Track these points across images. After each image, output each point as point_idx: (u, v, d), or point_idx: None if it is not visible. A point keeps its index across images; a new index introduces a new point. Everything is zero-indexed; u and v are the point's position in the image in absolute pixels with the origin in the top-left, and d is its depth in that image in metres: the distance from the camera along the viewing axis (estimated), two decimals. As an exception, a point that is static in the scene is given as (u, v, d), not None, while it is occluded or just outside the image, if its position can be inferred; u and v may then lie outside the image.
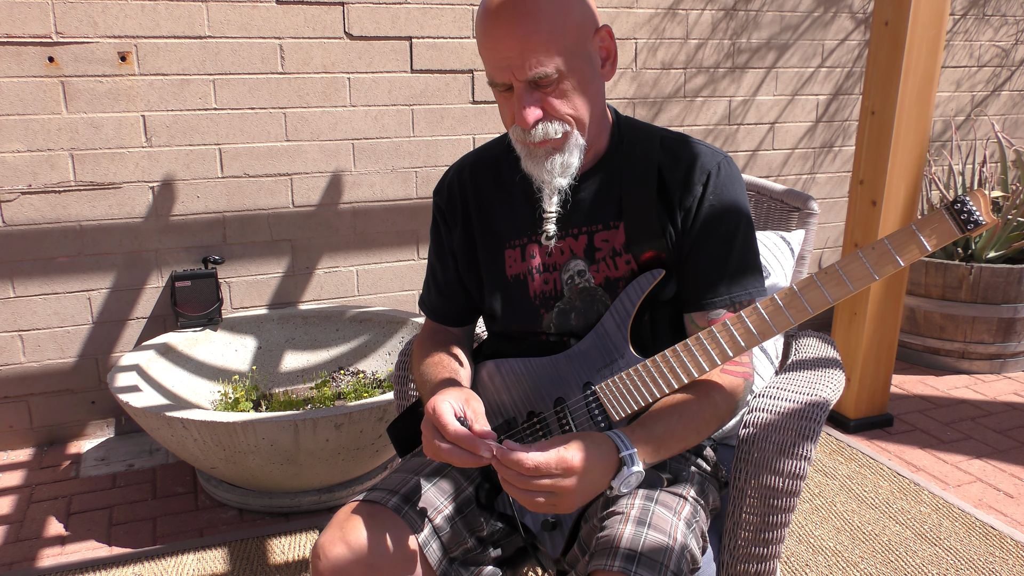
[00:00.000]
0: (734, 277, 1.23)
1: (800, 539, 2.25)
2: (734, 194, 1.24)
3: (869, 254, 1.03)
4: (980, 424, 2.94)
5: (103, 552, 2.23)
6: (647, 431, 1.13)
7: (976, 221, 0.98)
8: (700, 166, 1.23)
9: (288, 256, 3.00)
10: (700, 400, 1.18)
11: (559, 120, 1.15)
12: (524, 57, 1.10)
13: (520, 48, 1.10)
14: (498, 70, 1.13)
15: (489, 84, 1.18)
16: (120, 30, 2.64)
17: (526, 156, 1.21)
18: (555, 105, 1.14)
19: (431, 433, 1.12)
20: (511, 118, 1.18)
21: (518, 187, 1.29)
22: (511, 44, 1.10)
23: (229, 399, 2.63)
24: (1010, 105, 4.10)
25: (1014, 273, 3.22)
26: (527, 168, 1.21)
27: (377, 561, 1.15)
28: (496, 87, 1.16)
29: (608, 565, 1.06)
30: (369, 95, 2.97)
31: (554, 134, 1.16)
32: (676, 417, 1.15)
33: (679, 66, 3.39)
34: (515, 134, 1.19)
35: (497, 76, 1.14)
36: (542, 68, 1.11)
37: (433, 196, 1.40)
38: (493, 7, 1.11)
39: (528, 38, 1.09)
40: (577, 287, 1.27)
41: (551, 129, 1.15)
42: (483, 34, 1.13)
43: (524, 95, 1.13)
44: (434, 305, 1.44)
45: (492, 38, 1.12)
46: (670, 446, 1.14)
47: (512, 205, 1.31)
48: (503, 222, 1.31)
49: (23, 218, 2.67)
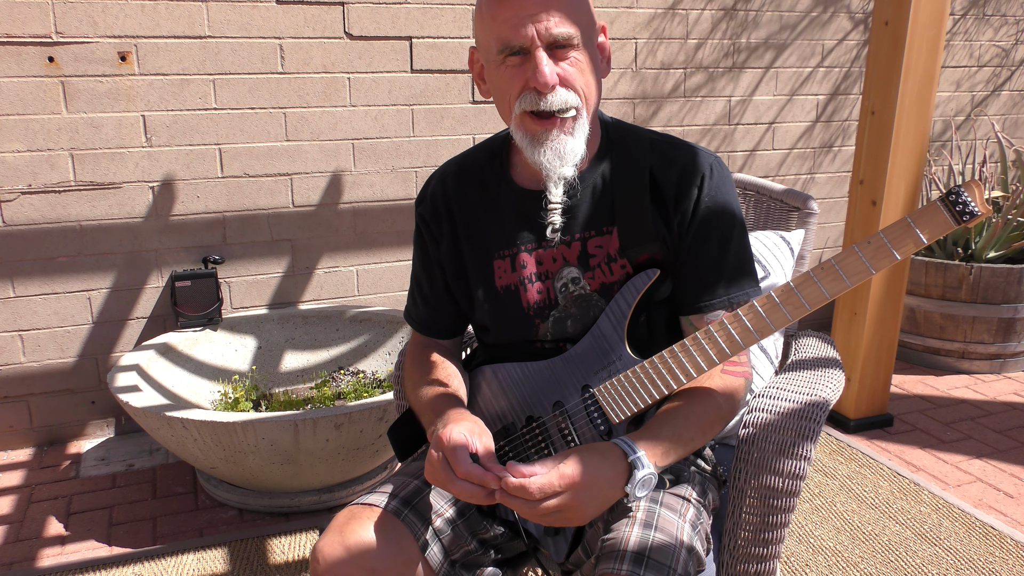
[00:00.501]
0: (731, 279, 1.23)
1: (800, 539, 2.25)
2: (727, 195, 1.24)
3: (865, 248, 1.03)
4: (980, 424, 2.94)
5: (103, 552, 2.23)
6: (654, 435, 1.12)
7: (972, 212, 0.97)
8: (693, 168, 1.22)
9: (288, 256, 3.00)
10: (704, 403, 1.17)
11: (575, 91, 1.14)
12: (548, 11, 1.09)
13: (544, 4, 1.09)
14: (516, 29, 1.10)
15: (495, 58, 1.14)
16: (120, 30, 2.64)
17: (531, 142, 1.16)
18: (571, 74, 1.13)
19: (442, 466, 1.09)
20: (520, 87, 1.14)
21: (504, 196, 1.26)
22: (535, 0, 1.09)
23: (229, 399, 2.63)
24: (1010, 105, 4.10)
25: (1014, 273, 3.22)
26: (532, 157, 1.17)
27: (377, 565, 1.15)
28: (513, 51, 1.12)
29: (616, 568, 1.05)
30: (369, 95, 2.97)
31: (570, 106, 1.13)
32: (681, 420, 1.15)
33: (679, 65, 3.39)
34: (525, 104, 1.14)
35: (514, 36, 1.10)
36: (566, 27, 1.10)
37: (415, 207, 1.36)
38: None
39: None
40: (572, 295, 1.25)
41: (569, 98, 1.13)
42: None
43: (543, 58, 1.11)
44: (422, 318, 1.40)
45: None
46: (678, 449, 1.13)
47: (499, 214, 1.28)
48: (490, 232, 1.28)
49: (23, 218, 2.67)
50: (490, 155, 1.31)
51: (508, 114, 1.18)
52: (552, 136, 1.15)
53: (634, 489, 1.07)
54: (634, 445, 1.09)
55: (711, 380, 1.21)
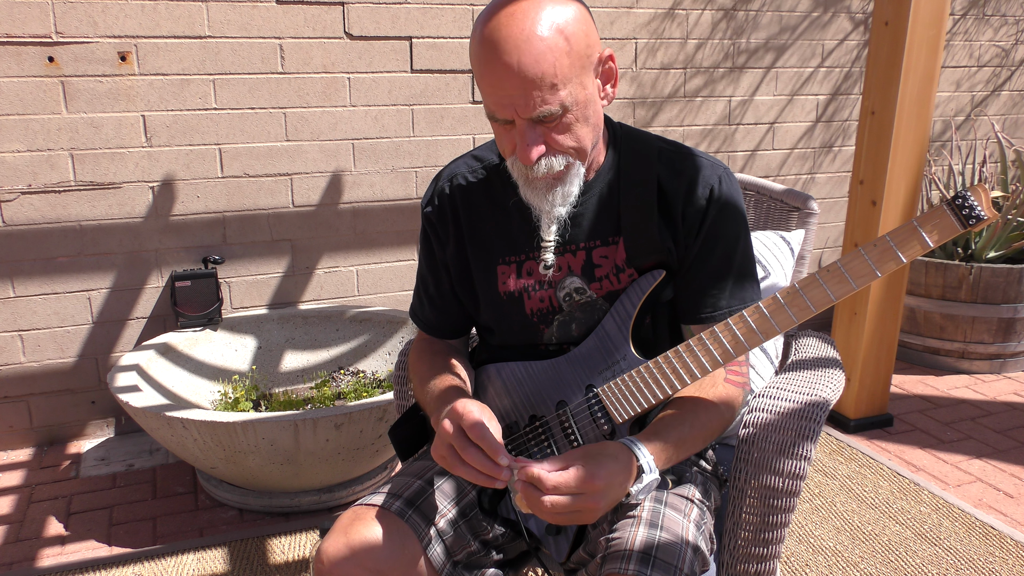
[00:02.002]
0: (734, 291, 1.23)
1: (800, 539, 2.25)
2: (735, 208, 1.23)
3: (871, 251, 1.03)
4: (980, 424, 2.95)
5: (103, 552, 2.23)
6: (661, 439, 1.12)
7: (978, 216, 0.98)
8: (703, 180, 1.21)
9: (288, 256, 3.00)
10: (708, 411, 1.19)
11: (562, 154, 1.13)
12: (528, 96, 1.06)
13: (523, 86, 1.05)
14: (499, 107, 1.08)
15: (488, 117, 1.13)
16: (120, 30, 2.64)
17: (525, 185, 1.17)
18: (558, 140, 1.11)
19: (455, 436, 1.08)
20: (511, 150, 1.14)
21: (512, 203, 1.26)
22: (514, 82, 1.05)
23: (229, 399, 2.63)
24: (1010, 105, 4.10)
25: (1014, 273, 3.22)
26: (526, 197, 1.18)
27: (381, 566, 1.15)
28: (496, 121, 1.12)
29: (623, 569, 1.05)
30: (369, 95, 2.97)
31: (557, 167, 1.13)
32: (687, 427, 1.16)
33: (679, 67, 3.39)
34: (515, 166, 1.16)
35: (498, 112, 1.09)
36: (547, 107, 1.07)
37: (422, 208, 1.35)
38: (493, 41, 1.05)
39: (532, 76, 1.04)
40: (577, 303, 1.25)
41: (554, 163, 1.13)
42: (483, 67, 1.07)
43: (527, 132, 1.09)
44: (428, 318, 1.40)
45: (493, 74, 1.06)
46: (680, 453, 1.15)
47: (507, 220, 1.27)
48: (497, 237, 1.28)
49: (23, 218, 2.67)
50: (498, 157, 1.30)
51: (505, 157, 1.19)
52: (543, 186, 1.16)
53: (638, 492, 1.08)
54: (643, 448, 1.09)
55: (715, 388, 1.21)
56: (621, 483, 1.06)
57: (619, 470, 1.06)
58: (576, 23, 1.07)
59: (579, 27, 1.08)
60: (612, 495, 1.06)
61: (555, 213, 1.18)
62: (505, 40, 1.04)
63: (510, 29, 1.04)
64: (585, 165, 1.17)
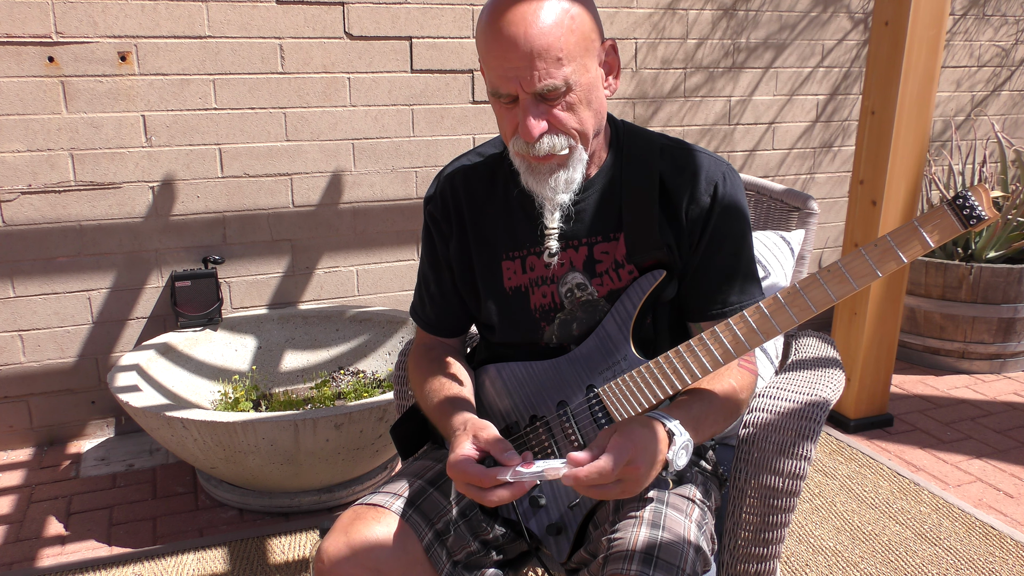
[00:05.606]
0: (743, 288, 1.24)
1: (800, 539, 2.25)
2: (739, 205, 1.23)
3: (872, 251, 1.03)
4: (980, 424, 2.95)
5: (103, 552, 2.23)
6: (685, 411, 1.13)
7: (979, 216, 0.98)
8: (706, 177, 1.22)
9: (288, 256, 3.00)
10: (728, 390, 1.19)
11: (564, 134, 1.13)
12: (533, 67, 1.07)
13: (529, 59, 1.06)
14: (504, 80, 1.09)
15: (490, 95, 1.14)
16: (120, 30, 2.64)
17: (527, 171, 1.18)
18: (561, 118, 1.12)
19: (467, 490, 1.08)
20: (512, 130, 1.14)
21: (515, 198, 1.26)
22: (520, 54, 1.06)
23: (229, 399, 2.63)
24: (1010, 105, 4.10)
25: (1014, 273, 3.22)
26: (528, 184, 1.19)
27: (381, 566, 1.15)
28: (499, 97, 1.12)
29: (625, 569, 1.05)
30: (369, 95, 2.97)
31: (560, 149, 1.13)
32: (706, 403, 1.16)
33: (678, 65, 3.39)
34: (516, 147, 1.16)
35: (502, 86, 1.10)
36: (551, 80, 1.08)
37: (424, 204, 1.35)
38: (500, 15, 1.07)
39: (538, 48, 1.06)
40: (579, 300, 1.25)
41: (557, 143, 1.13)
42: (489, 42, 1.09)
43: (530, 107, 1.10)
44: (428, 317, 1.40)
45: (500, 47, 1.08)
46: (704, 429, 1.14)
47: (509, 215, 1.27)
48: (500, 232, 1.28)
49: (23, 218, 2.67)
50: (500, 154, 1.30)
51: (506, 141, 1.20)
52: (546, 170, 1.16)
53: (675, 456, 1.07)
54: (666, 415, 1.10)
55: (730, 372, 1.21)
56: (658, 446, 1.05)
57: (649, 435, 1.05)
58: (581, 8, 1.11)
59: (584, 12, 1.11)
60: (653, 459, 1.05)
61: (557, 200, 1.18)
62: (512, 13, 1.07)
63: (518, 5, 1.08)
64: (588, 152, 1.17)
